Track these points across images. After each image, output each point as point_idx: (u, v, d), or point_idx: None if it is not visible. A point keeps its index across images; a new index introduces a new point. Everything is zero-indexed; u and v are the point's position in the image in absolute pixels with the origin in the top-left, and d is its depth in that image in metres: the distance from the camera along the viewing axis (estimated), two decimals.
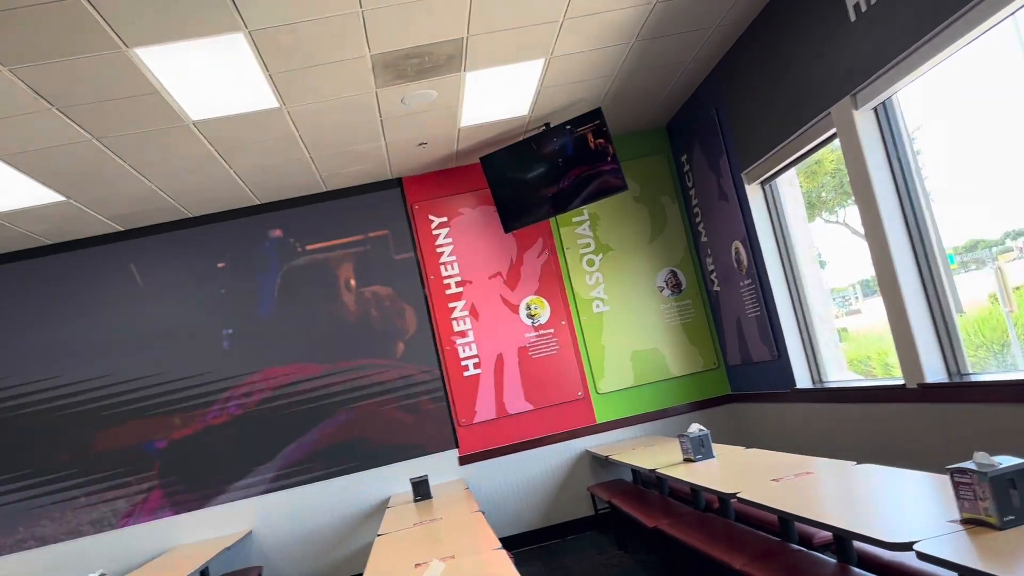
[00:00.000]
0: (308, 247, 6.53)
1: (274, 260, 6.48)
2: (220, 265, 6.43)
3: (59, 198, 5.33)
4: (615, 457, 5.54)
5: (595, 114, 5.75)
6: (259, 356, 6.36)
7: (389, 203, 6.62)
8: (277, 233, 6.53)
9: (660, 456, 5.07)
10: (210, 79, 4.13)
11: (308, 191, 6.47)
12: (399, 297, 6.55)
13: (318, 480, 6.28)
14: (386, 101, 4.97)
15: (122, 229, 6.34)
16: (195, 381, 6.30)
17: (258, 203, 6.47)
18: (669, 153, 6.92)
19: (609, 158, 5.80)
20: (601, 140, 5.79)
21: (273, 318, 6.41)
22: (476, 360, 6.54)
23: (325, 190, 6.56)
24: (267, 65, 4.11)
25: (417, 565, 3.36)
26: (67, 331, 6.25)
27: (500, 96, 5.32)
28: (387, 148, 5.87)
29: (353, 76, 4.49)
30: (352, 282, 6.50)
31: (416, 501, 5.48)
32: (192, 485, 6.20)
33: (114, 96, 4.07)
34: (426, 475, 5.60)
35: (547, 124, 6.06)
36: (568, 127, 5.87)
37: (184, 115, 4.49)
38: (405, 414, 6.41)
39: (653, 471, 4.60)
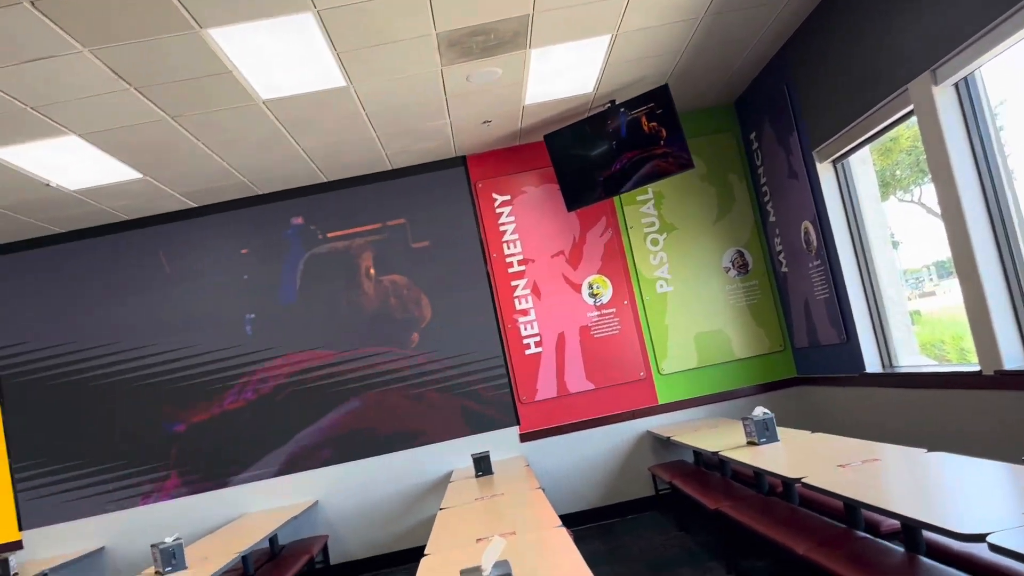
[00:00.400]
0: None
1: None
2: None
3: (136, 175, 5.50)
4: (677, 438, 5.50)
5: (661, 91, 5.66)
6: (331, 338, 6.50)
7: (453, 182, 6.65)
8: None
9: (723, 438, 5.01)
10: (280, 58, 4.20)
11: (373, 169, 6.55)
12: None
13: (382, 454, 6.40)
14: (451, 79, 4.98)
15: (195, 205, 6.52)
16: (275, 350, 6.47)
17: (324, 180, 6.57)
18: (737, 130, 6.78)
19: (662, 141, 5.72)
20: (655, 123, 5.71)
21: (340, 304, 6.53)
22: (537, 338, 6.56)
23: (390, 168, 6.62)
24: (335, 44, 4.16)
25: (478, 540, 3.41)
26: (126, 307, 6.47)
27: (565, 73, 5.28)
28: (452, 126, 5.88)
29: (419, 54, 4.51)
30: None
31: (477, 476, 5.55)
32: (250, 456, 6.38)
33: (188, 76, 4.17)
34: (487, 451, 5.65)
35: (612, 101, 6.00)
36: (622, 109, 5.81)
37: (255, 94, 4.58)
38: (464, 399, 6.47)
39: (716, 453, 4.56)
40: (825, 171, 5.56)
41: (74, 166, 5.10)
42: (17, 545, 6.23)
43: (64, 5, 3.30)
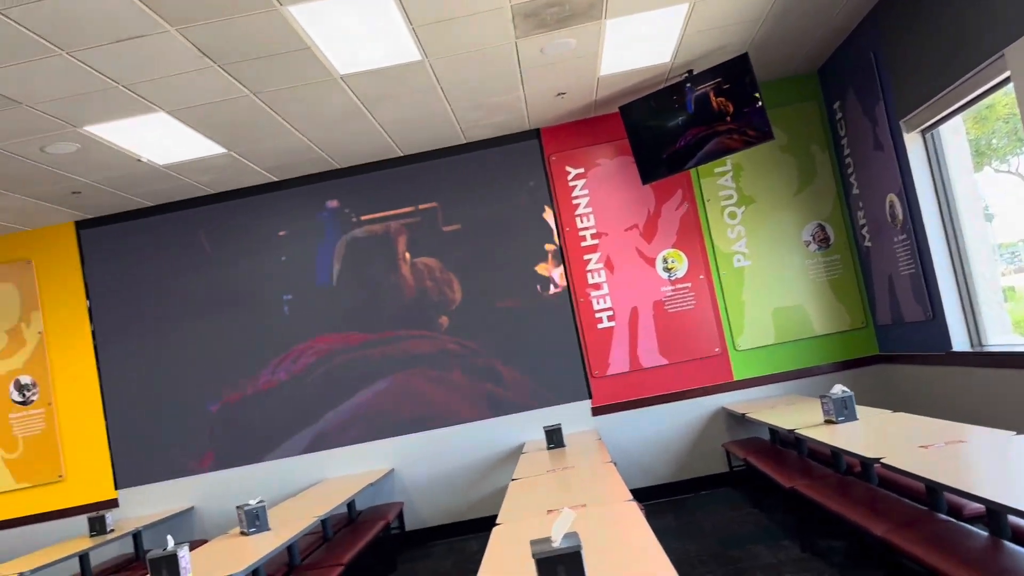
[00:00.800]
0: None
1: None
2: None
3: (220, 150, 5.67)
4: (752, 415, 5.43)
5: (741, 60, 5.51)
6: (395, 319, 6.61)
7: (526, 155, 6.64)
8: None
9: (800, 416, 4.92)
10: (357, 34, 4.25)
11: (448, 143, 6.59)
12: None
13: (456, 423, 6.51)
14: (525, 51, 4.96)
15: (276, 179, 6.69)
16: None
17: (400, 154, 6.65)
18: (820, 100, 6.57)
19: (729, 117, 5.61)
20: (723, 99, 5.59)
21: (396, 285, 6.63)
22: (610, 313, 6.53)
23: (464, 141, 6.65)
24: (410, 18, 4.19)
25: (549, 511, 3.45)
26: (193, 281, 6.70)
27: (641, 43, 5.20)
28: (526, 99, 5.87)
29: (493, 26, 4.51)
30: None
31: (549, 449, 5.59)
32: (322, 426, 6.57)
33: (269, 52, 4.26)
34: (559, 424, 5.69)
35: (690, 71, 5.88)
36: (688, 84, 5.70)
37: (332, 69, 4.65)
38: (534, 372, 6.50)
39: (792, 431, 4.48)
40: (913, 141, 5.34)
41: (163, 142, 5.29)
42: (113, 503, 6.58)
43: None
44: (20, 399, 6.69)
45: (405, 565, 5.87)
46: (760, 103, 5.51)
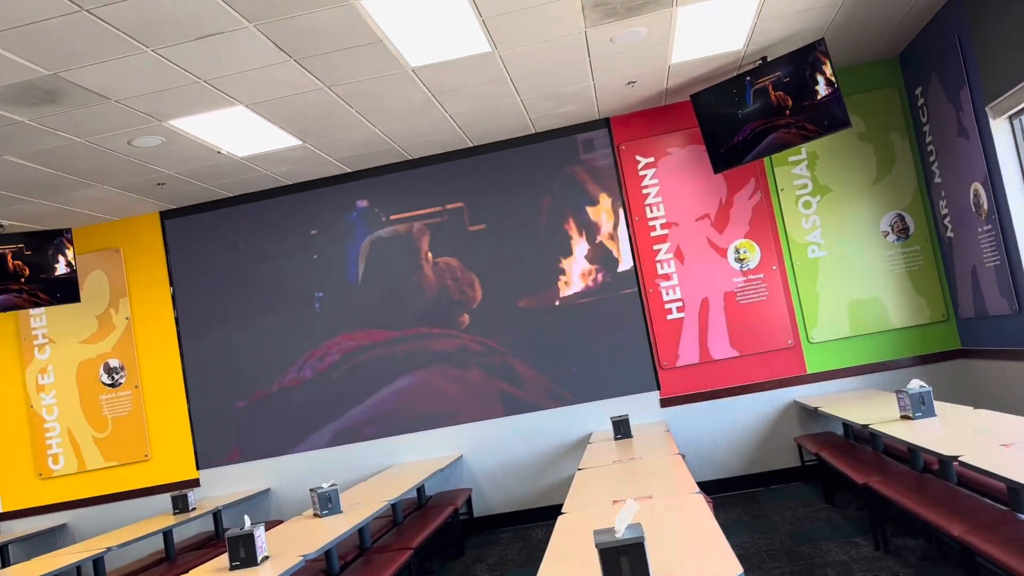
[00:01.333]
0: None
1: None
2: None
3: (296, 142, 5.82)
4: (825, 409, 5.32)
5: (816, 46, 5.38)
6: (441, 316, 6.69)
7: (595, 144, 6.62)
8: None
9: (875, 411, 4.80)
10: (428, 26, 4.30)
11: (517, 133, 6.61)
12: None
13: (524, 412, 6.55)
14: (595, 40, 4.94)
15: (350, 170, 6.83)
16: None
17: (470, 145, 6.71)
18: (901, 85, 6.36)
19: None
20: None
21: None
22: (680, 304, 6.47)
23: (534, 132, 6.67)
24: (480, 10, 4.22)
25: (614, 502, 3.46)
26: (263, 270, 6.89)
27: (713, 31, 5.12)
28: (595, 88, 5.85)
29: (563, 16, 4.50)
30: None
31: (616, 439, 5.58)
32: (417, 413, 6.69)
33: (342, 46, 4.35)
34: (627, 414, 5.68)
35: (764, 58, 5.76)
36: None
37: (404, 62, 4.73)
38: (600, 361, 6.49)
39: (866, 426, 4.38)
40: (999, 128, 5.13)
41: (241, 134, 5.46)
42: (195, 483, 6.85)
43: None
44: (109, 381, 7.02)
45: (473, 551, 5.96)
46: (836, 90, 5.37)
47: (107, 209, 6.70)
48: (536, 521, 6.54)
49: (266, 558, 3.39)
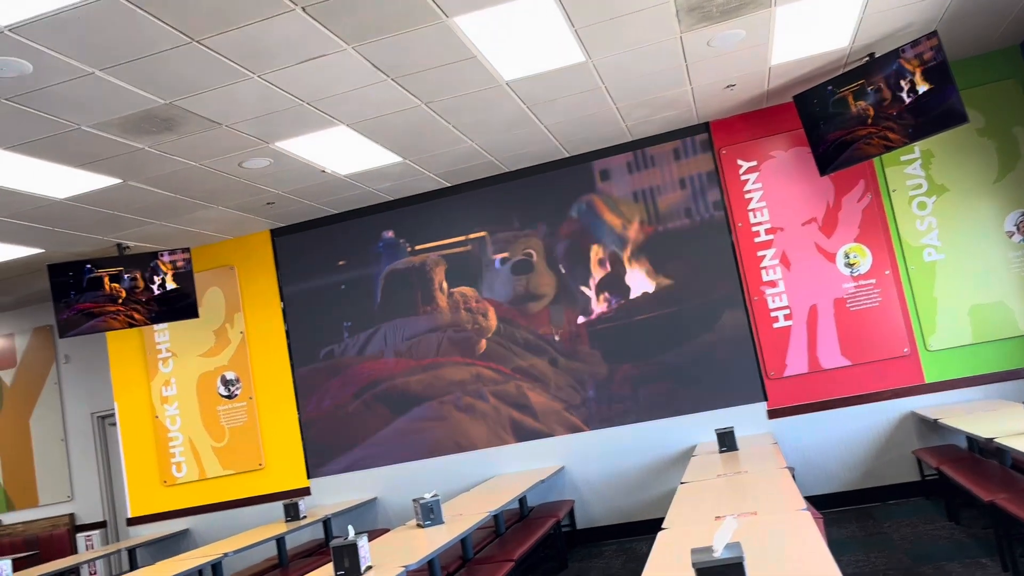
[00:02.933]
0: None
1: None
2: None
3: (396, 159, 5.95)
4: (946, 421, 5.02)
5: (929, 38, 5.11)
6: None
7: (694, 149, 6.49)
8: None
9: (1001, 423, 4.51)
10: (520, 40, 4.33)
11: (614, 141, 6.56)
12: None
13: (626, 423, 6.47)
14: (691, 45, 4.85)
15: (449, 184, 6.93)
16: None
17: (565, 155, 6.70)
18: (1022, 76, 5.97)
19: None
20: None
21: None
22: (787, 311, 6.25)
23: (630, 139, 6.60)
24: (572, 20, 4.21)
25: (717, 517, 3.36)
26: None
27: (815, 29, 4.95)
28: (693, 93, 5.74)
29: (656, 23, 4.44)
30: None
31: (721, 452, 5.44)
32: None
33: (438, 63, 4.43)
34: (732, 426, 5.52)
35: (871, 55, 5.53)
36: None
37: (498, 76, 4.77)
38: (705, 372, 6.34)
39: (992, 440, 4.11)
40: None
41: (344, 153, 5.63)
42: (306, 491, 7.08)
43: (329, 6, 3.64)
44: (226, 393, 7.35)
45: (576, 563, 5.92)
46: (951, 84, 5.08)
47: (221, 228, 7.04)
48: (641, 534, 6.43)
49: (369, 568, 3.46)
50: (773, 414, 6.23)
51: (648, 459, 6.45)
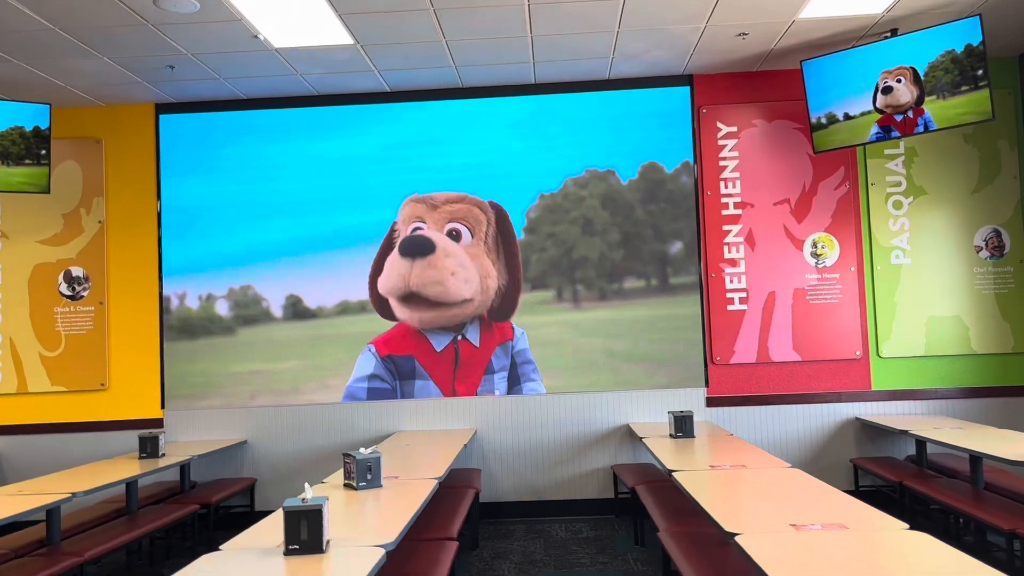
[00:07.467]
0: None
1: None
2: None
3: (348, 40, 4.88)
4: (902, 428, 4.68)
5: (966, 24, 4.70)
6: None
7: (673, 102, 5.84)
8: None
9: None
10: None
11: (590, 76, 5.78)
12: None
13: (551, 393, 5.77)
14: None
15: (389, 89, 5.89)
16: None
17: (531, 82, 5.85)
18: (1017, 89, 5.76)
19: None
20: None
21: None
22: (743, 294, 5.76)
23: (606, 78, 5.85)
24: None
25: (792, 525, 2.71)
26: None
27: None
28: (703, 33, 5.05)
29: None
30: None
31: (675, 438, 4.83)
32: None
33: None
34: (690, 411, 4.95)
35: (894, 30, 5.07)
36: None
37: None
38: (646, 347, 5.76)
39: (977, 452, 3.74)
40: None
41: (290, 19, 4.50)
42: (158, 423, 5.87)
43: None
44: (69, 293, 5.96)
45: (487, 543, 5.18)
46: (983, 75, 4.71)
47: (96, 89, 5.62)
48: (550, 515, 5.76)
49: (327, 543, 2.52)
50: (712, 402, 5.74)
51: (568, 434, 5.79)
